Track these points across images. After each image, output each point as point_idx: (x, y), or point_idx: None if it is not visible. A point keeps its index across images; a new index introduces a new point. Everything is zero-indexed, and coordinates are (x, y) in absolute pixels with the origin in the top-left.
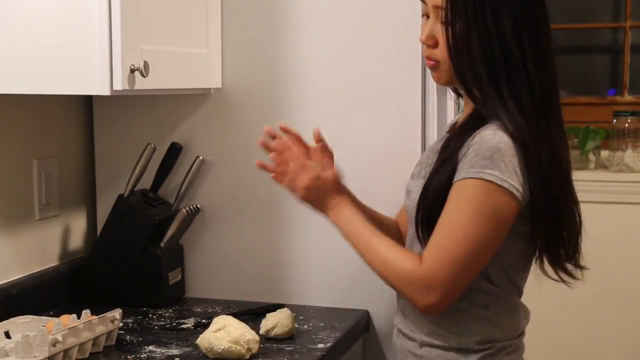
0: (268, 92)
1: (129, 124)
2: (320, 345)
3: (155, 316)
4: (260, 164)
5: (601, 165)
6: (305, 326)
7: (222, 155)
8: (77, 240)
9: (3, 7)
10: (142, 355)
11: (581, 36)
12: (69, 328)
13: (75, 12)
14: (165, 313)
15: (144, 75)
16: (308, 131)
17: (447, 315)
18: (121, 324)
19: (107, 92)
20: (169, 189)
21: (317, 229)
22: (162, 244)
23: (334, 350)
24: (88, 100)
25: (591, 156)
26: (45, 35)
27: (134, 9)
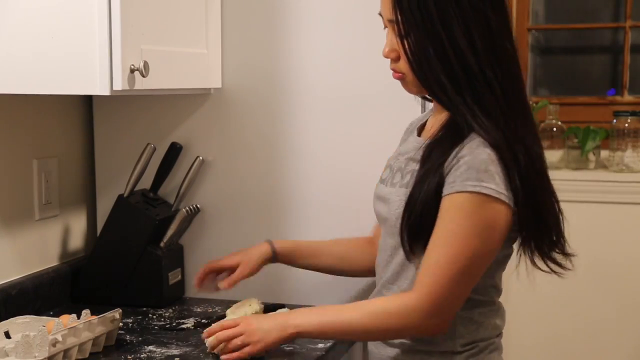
0: (268, 92)
1: (128, 124)
2: (320, 345)
3: (155, 316)
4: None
5: (601, 165)
6: None
7: (222, 155)
8: (77, 240)
9: (3, 7)
10: (142, 355)
11: (581, 36)
12: (69, 328)
13: (75, 13)
14: (165, 313)
15: (143, 76)
16: (308, 131)
17: None
18: (121, 324)
19: (107, 92)
20: (169, 189)
21: (317, 229)
22: (162, 244)
23: (333, 350)
24: (88, 100)
25: (591, 156)
26: (45, 35)
27: (134, 9)
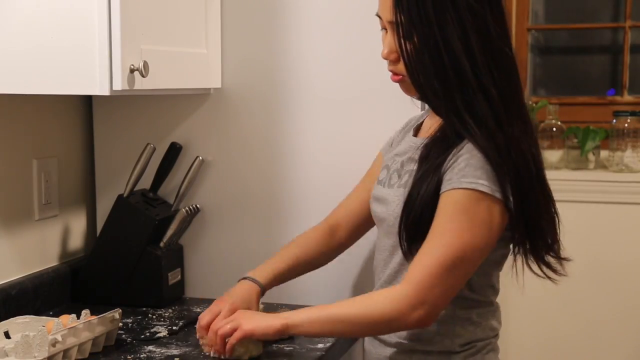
0: (268, 92)
1: (128, 124)
2: (320, 346)
3: (155, 316)
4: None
5: (601, 165)
6: None
7: (222, 155)
8: (77, 240)
9: (3, 7)
10: (142, 355)
11: (581, 36)
12: (69, 328)
13: (75, 13)
14: (165, 313)
15: (143, 75)
16: (308, 131)
17: None
18: (121, 324)
19: (107, 92)
20: (169, 189)
21: None
22: (162, 244)
23: (333, 350)
24: (88, 100)
25: (591, 156)
26: (45, 35)
27: (134, 9)
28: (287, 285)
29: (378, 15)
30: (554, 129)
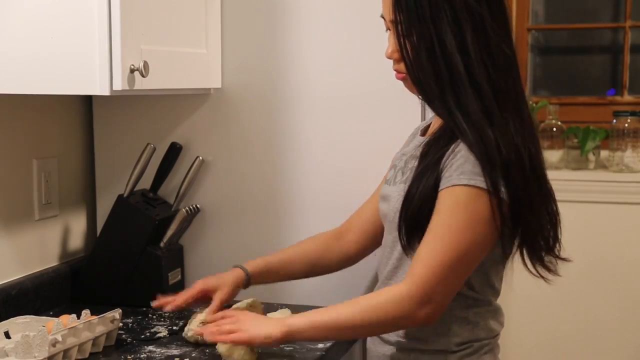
0: (268, 92)
1: (128, 124)
2: (320, 345)
3: (155, 316)
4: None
5: (601, 166)
6: None
7: (222, 155)
8: (77, 240)
9: (3, 7)
10: (142, 355)
11: (581, 36)
12: (69, 328)
13: (75, 13)
14: (165, 313)
15: (143, 76)
16: (308, 131)
17: None
18: (121, 324)
19: (107, 92)
20: (169, 189)
21: (317, 229)
22: (162, 244)
23: (333, 350)
24: (88, 100)
25: (591, 156)
26: (45, 35)
27: (134, 9)
28: (288, 285)
29: (382, 17)
30: (554, 129)
